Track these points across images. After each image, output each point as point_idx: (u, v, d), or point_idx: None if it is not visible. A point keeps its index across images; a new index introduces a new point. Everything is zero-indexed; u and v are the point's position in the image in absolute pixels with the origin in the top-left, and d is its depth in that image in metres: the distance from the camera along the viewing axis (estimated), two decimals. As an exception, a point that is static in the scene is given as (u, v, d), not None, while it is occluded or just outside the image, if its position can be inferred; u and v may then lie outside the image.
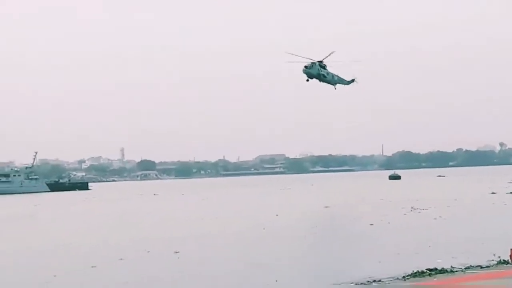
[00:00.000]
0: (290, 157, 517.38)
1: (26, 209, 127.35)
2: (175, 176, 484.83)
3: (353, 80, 78.01)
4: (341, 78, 76.90)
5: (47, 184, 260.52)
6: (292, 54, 71.50)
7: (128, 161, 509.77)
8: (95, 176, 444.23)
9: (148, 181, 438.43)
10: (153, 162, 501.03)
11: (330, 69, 74.87)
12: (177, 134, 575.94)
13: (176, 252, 46.17)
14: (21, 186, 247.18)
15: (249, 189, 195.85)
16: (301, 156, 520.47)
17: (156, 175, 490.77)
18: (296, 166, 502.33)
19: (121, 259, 44.58)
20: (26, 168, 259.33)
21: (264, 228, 62.85)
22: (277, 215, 79.54)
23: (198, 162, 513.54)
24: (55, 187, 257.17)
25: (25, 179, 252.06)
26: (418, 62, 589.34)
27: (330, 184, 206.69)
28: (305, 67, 73.70)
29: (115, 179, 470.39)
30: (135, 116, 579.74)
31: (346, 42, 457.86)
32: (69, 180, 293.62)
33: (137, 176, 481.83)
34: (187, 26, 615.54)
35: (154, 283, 35.09)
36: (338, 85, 76.67)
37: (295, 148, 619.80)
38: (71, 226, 78.23)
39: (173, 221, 78.54)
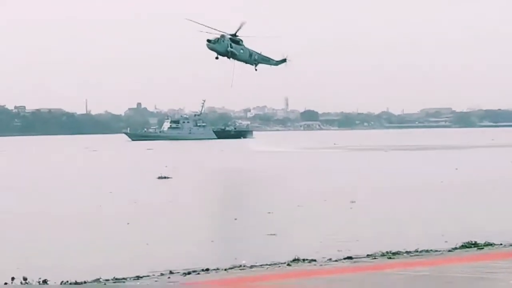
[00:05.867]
0: (457, 111, 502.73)
1: (209, 155, 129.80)
2: (338, 127, 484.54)
3: (284, 60, 65.88)
4: (265, 57, 64.10)
5: (214, 132, 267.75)
6: (194, 21, 57.39)
7: (291, 111, 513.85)
8: (259, 125, 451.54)
9: (311, 131, 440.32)
10: (316, 113, 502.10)
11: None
12: (341, 85, 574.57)
13: (352, 202, 45.62)
14: (190, 133, 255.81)
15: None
16: (468, 110, 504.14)
17: (319, 125, 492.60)
18: (463, 120, 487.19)
19: (299, 205, 45.08)
20: (195, 115, 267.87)
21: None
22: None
23: (361, 114, 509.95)
24: (222, 134, 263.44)
25: (194, 126, 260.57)
26: None
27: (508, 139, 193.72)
28: (209, 41, 58.90)
29: (279, 128, 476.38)
30: (300, 66, 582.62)
31: None
32: (235, 128, 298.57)
33: (300, 126, 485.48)
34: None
35: (320, 228, 35.07)
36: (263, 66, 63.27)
37: (462, 101, 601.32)
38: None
39: (347, 172, 77.33)
